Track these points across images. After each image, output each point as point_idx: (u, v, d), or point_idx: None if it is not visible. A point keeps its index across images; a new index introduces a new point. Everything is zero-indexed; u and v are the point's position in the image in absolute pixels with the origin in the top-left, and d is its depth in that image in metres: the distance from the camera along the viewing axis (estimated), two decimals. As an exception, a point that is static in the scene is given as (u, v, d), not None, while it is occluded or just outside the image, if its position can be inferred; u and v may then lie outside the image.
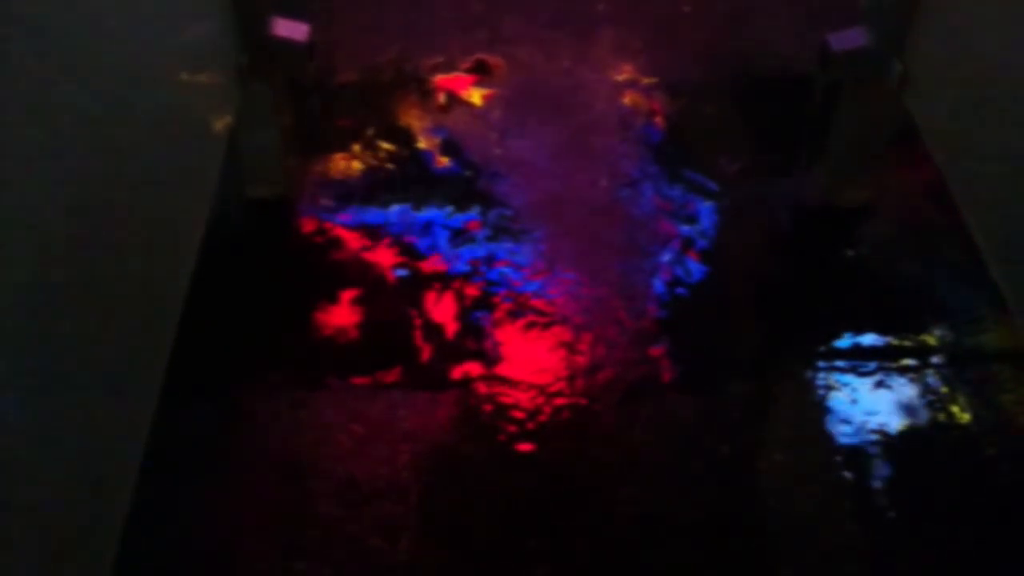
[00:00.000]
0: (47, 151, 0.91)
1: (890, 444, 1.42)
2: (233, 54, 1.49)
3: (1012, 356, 1.52)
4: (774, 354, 1.55)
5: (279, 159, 1.70)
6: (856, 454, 1.40)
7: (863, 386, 1.48)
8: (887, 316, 1.58)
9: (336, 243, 1.66)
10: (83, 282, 0.98)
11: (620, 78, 1.94)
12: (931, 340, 1.54)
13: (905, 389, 1.48)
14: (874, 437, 1.42)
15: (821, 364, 1.51)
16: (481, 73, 1.95)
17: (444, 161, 1.79)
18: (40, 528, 0.91)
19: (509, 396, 1.45)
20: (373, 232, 1.68)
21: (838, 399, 1.46)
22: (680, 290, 1.60)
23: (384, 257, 1.64)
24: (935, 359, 1.51)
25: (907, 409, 1.45)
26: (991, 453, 1.41)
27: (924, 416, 1.44)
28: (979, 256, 1.39)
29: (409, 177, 1.77)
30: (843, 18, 1.56)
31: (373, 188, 1.75)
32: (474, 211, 1.71)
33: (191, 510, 1.33)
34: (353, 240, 1.67)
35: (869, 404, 1.46)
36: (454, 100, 1.90)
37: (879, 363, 1.51)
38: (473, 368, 1.49)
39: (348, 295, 1.59)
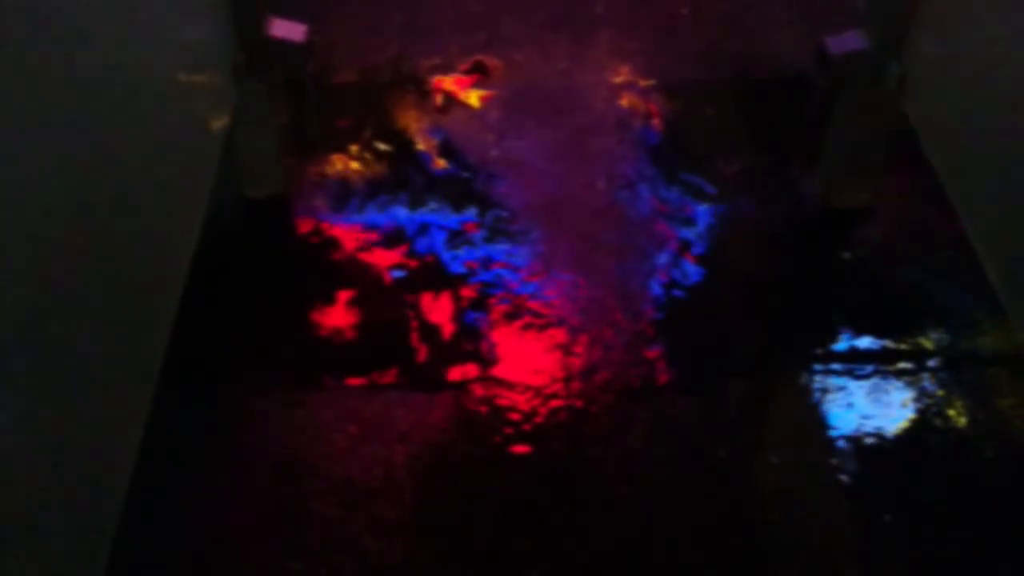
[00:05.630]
0: (42, 150, 0.91)
1: (886, 447, 1.41)
2: (230, 54, 1.49)
3: (1008, 360, 1.52)
4: (771, 357, 1.55)
5: (276, 159, 1.70)
6: (852, 457, 1.40)
7: (859, 389, 1.48)
8: (884, 319, 1.57)
9: (333, 244, 1.66)
10: (78, 281, 0.98)
11: (618, 80, 1.94)
12: (927, 343, 1.54)
13: (901, 392, 1.48)
14: (870, 440, 1.42)
15: (817, 367, 1.51)
16: (479, 74, 1.95)
17: (441, 162, 1.79)
18: (34, 526, 0.91)
19: (505, 398, 1.45)
20: (370, 233, 1.67)
21: (834, 402, 1.46)
22: (677, 292, 1.60)
23: (381, 258, 1.64)
24: (931, 362, 1.51)
25: (903, 412, 1.45)
26: (987, 457, 1.41)
27: (920, 420, 1.44)
28: (976, 260, 1.39)
29: (406, 178, 1.77)
30: (842, 21, 1.56)
31: (370, 189, 1.75)
32: (471, 212, 1.71)
33: (186, 510, 1.33)
34: (350, 241, 1.66)
35: (865, 407, 1.46)
36: (452, 101, 1.90)
37: (876, 366, 1.51)
38: (469, 369, 1.49)
39: (345, 295, 1.58)
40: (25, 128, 0.87)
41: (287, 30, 1.56)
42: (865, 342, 1.54)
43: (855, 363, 1.51)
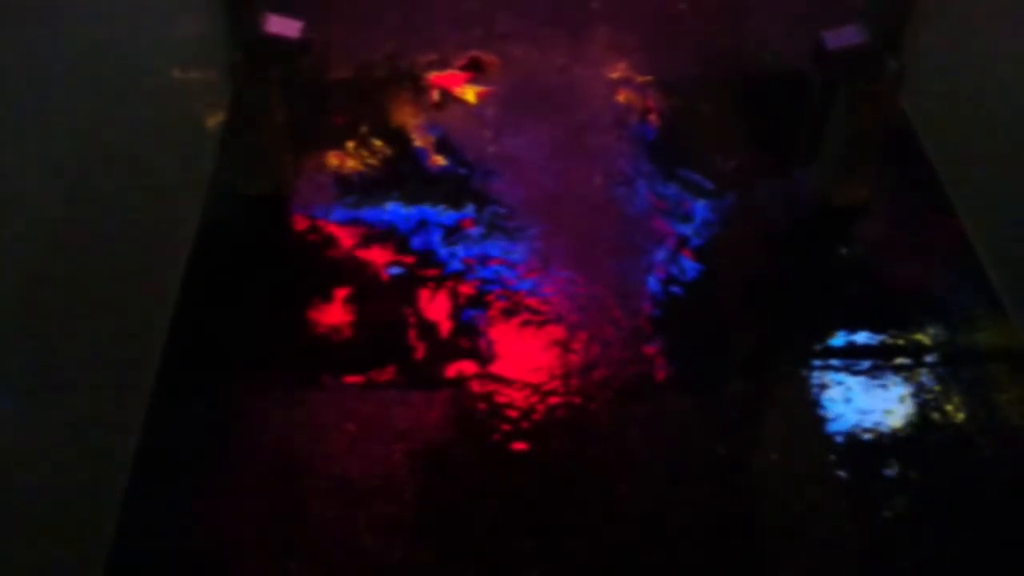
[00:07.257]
0: (39, 149, 0.90)
1: (884, 443, 1.41)
2: (226, 51, 1.49)
3: (1007, 355, 1.52)
4: (769, 353, 1.55)
5: (272, 156, 1.69)
6: (850, 453, 1.40)
7: (857, 385, 1.48)
8: (882, 315, 1.57)
9: (329, 241, 1.66)
10: (75, 280, 0.98)
11: (615, 76, 1.94)
12: (926, 339, 1.54)
13: (899, 388, 1.48)
14: (868, 436, 1.42)
15: (816, 363, 1.51)
16: (476, 70, 1.95)
17: (438, 159, 1.79)
18: (33, 527, 0.91)
19: (503, 395, 1.45)
20: (367, 230, 1.67)
21: (833, 398, 1.46)
22: (675, 289, 1.59)
23: (378, 255, 1.64)
24: (929, 358, 1.51)
25: (901, 408, 1.45)
26: (986, 453, 1.41)
27: (918, 415, 1.44)
28: (974, 256, 1.39)
29: (403, 174, 1.76)
30: (840, 16, 1.56)
31: (367, 185, 1.74)
32: (468, 209, 1.70)
33: (184, 509, 1.32)
34: (346, 238, 1.66)
35: (863, 403, 1.46)
36: (448, 97, 1.90)
37: (873, 362, 1.51)
38: (467, 367, 1.49)
39: (342, 293, 1.58)
40: (23, 128, 0.87)
41: (283, 27, 1.56)
42: (863, 338, 1.54)
43: (853, 359, 1.51)
